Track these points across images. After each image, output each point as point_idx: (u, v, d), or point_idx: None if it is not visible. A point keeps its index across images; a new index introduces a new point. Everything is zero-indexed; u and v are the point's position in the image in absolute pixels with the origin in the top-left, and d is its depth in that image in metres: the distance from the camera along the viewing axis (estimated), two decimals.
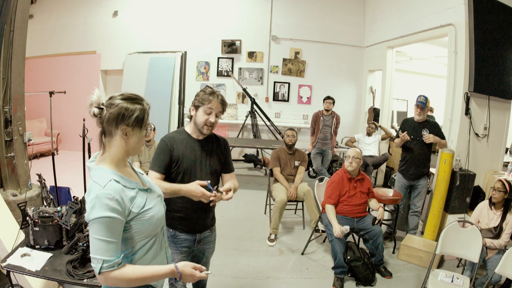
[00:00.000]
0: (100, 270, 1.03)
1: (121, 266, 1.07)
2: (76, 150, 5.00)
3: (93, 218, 1.03)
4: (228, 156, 1.91)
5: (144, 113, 1.14)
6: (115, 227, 1.05)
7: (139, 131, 1.15)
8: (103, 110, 1.09)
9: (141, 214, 1.13)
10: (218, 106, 1.73)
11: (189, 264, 1.18)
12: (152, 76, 6.38)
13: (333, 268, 2.84)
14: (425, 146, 3.41)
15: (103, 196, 1.04)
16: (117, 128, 1.11)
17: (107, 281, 1.06)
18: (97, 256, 1.03)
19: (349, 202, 2.92)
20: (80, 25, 6.58)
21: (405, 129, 3.54)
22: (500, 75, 3.66)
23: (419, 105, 3.40)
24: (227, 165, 1.89)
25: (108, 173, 1.10)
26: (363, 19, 6.47)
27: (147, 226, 1.16)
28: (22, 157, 3.11)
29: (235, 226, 3.82)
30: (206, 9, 6.42)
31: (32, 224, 1.98)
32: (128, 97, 1.13)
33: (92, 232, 1.04)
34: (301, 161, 3.84)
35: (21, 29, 2.99)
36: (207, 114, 1.72)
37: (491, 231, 2.72)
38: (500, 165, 3.91)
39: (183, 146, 1.77)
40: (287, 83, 6.60)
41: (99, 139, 1.15)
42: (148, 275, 1.11)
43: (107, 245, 1.03)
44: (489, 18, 3.49)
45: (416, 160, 3.43)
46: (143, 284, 1.14)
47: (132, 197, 1.12)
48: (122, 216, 1.07)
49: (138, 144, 1.17)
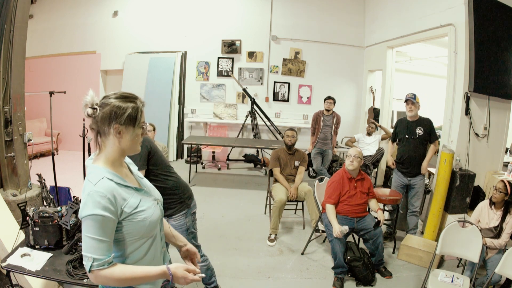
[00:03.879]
0: (90, 268, 1.04)
1: (112, 265, 1.06)
2: (76, 150, 5.01)
3: (84, 216, 1.03)
4: None
5: (137, 111, 1.13)
6: (106, 225, 1.05)
7: (133, 130, 1.14)
8: (97, 110, 1.10)
9: (133, 214, 1.12)
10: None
11: (181, 266, 1.15)
12: (152, 76, 6.39)
13: (333, 268, 2.84)
14: (421, 145, 3.44)
15: (95, 194, 1.04)
16: (110, 127, 1.11)
17: (97, 279, 1.06)
18: (88, 254, 1.03)
19: (349, 202, 2.92)
20: (80, 25, 6.58)
21: (400, 129, 3.59)
22: (500, 75, 3.66)
23: (409, 100, 3.44)
24: None
25: (101, 171, 1.10)
26: (363, 19, 6.47)
27: (139, 228, 1.14)
28: (22, 157, 3.11)
29: (235, 226, 3.82)
30: (206, 9, 6.42)
31: (32, 224, 1.98)
32: (121, 95, 1.13)
33: (84, 229, 1.04)
34: (301, 161, 3.84)
35: (21, 29, 2.99)
36: None
37: (491, 231, 2.72)
38: (500, 165, 3.90)
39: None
40: (287, 83, 6.60)
41: (95, 139, 1.16)
42: (138, 275, 1.10)
43: (98, 243, 1.03)
44: (489, 18, 3.48)
45: (411, 159, 3.45)
46: (133, 284, 1.13)
47: (125, 197, 1.11)
48: (114, 215, 1.06)
49: (132, 143, 1.16)
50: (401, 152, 3.56)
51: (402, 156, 3.52)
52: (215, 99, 6.64)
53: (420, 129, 3.42)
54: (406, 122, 3.54)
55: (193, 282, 1.19)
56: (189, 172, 5.25)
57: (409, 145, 3.48)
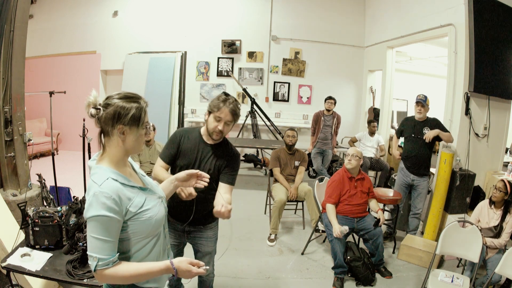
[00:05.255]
0: (95, 268, 1.04)
1: (116, 263, 1.07)
2: (76, 150, 5.00)
3: (90, 216, 1.03)
4: (232, 169, 1.83)
5: (140, 112, 1.13)
6: (111, 226, 1.05)
7: (137, 130, 1.14)
8: (100, 110, 1.09)
9: (139, 214, 1.13)
10: (227, 115, 1.71)
11: (184, 259, 1.15)
12: (152, 76, 6.38)
13: (333, 268, 2.84)
14: (426, 145, 3.40)
15: (100, 194, 1.04)
16: (114, 127, 1.11)
17: (103, 278, 1.07)
18: (93, 254, 1.04)
19: (350, 202, 2.92)
20: (80, 25, 6.58)
21: (405, 128, 3.55)
22: (500, 75, 3.66)
23: (420, 102, 3.39)
24: (227, 176, 1.80)
25: (106, 172, 1.10)
26: (363, 19, 6.47)
27: (145, 227, 1.15)
28: (22, 157, 3.11)
29: (235, 226, 3.82)
30: (206, 9, 6.42)
31: (32, 224, 1.98)
32: (125, 96, 1.13)
33: (89, 230, 1.05)
34: (301, 161, 3.84)
35: (21, 29, 2.99)
36: (216, 121, 1.72)
37: (491, 230, 2.72)
38: (500, 165, 3.91)
39: (191, 143, 1.80)
40: (287, 83, 6.60)
41: (98, 139, 1.15)
42: (143, 271, 1.11)
43: (103, 244, 1.04)
44: (489, 18, 3.49)
45: (417, 159, 3.43)
46: (138, 281, 1.14)
47: (130, 196, 1.11)
48: (119, 216, 1.07)
49: (136, 143, 1.16)
50: (407, 150, 3.53)
51: (408, 154, 3.50)
52: None
53: (427, 129, 3.38)
54: (414, 121, 3.50)
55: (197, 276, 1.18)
56: None
57: (414, 144, 3.44)
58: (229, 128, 1.75)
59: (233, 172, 1.83)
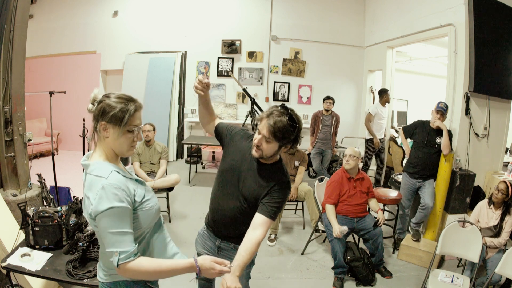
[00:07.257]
0: (118, 263, 1.02)
1: (137, 256, 1.06)
2: (76, 150, 5.00)
3: (103, 210, 1.01)
4: (271, 198, 1.49)
5: (125, 113, 1.13)
6: (126, 216, 1.06)
7: (118, 129, 1.13)
8: (94, 106, 1.15)
9: (143, 204, 1.15)
10: (265, 130, 1.44)
11: (208, 257, 1.15)
12: (152, 76, 6.39)
13: (333, 268, 2.84)
14: (435, 154, 3.36)
15: (109, 186, 1.04)
16: (97, 123, 1.14)
17: (126, 273, 1.06)
18: (113, 249, 1.02)
19: (349, 202, 2.92)
20: (80, 25, 6.58)
21: (418, 133, 3.45)
22: (500, 75, 3.66)
23: (440, 110, 3.29)
24: (264, 205, 1.48)
25: (107, 165, 1.12)
26: (363, 19, 6.47)
27: (147, 217, 1.17)
28: (22, 157, 3.11)
29: None
30: (206, 9, 6.42)
31: (32, 224, 1.99)
32: (118, 96, 1.16)
33: (104, 226, 1.03)
34: (301, 161, 3.84)
35: (21, 29, 2.99)
36: (258, 134, 1.49)
37: (490, 230, 2.72)
38: (500, 165, 3.90)
39: (243, 147, 1.60)
40: (287, 83, 6.60)
41: (91, 135, 1.19)
42: (166, 268, 1.10)
43: (122, 236, 1.03)
44: (489, 18, 3.48)
45: (424, 166, 3.38)
46: (161, 277, 1.15)
47: (133, 187, 1.14)
48: (130, 205, 1.08)
49: (118, 143, 1.15)
50: (415, 158, 3.44)
51: (415, 163, 3.43)
52: (215, 99, 6.63)
53: (440, 138, 3.31)
54: (428, 128, 3.38)
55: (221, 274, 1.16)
56: (189, 172, 5.25)
57: (424, 154, 3.37)
58: (269, 146, 1.45)
59: (274, 203, 1.48)
